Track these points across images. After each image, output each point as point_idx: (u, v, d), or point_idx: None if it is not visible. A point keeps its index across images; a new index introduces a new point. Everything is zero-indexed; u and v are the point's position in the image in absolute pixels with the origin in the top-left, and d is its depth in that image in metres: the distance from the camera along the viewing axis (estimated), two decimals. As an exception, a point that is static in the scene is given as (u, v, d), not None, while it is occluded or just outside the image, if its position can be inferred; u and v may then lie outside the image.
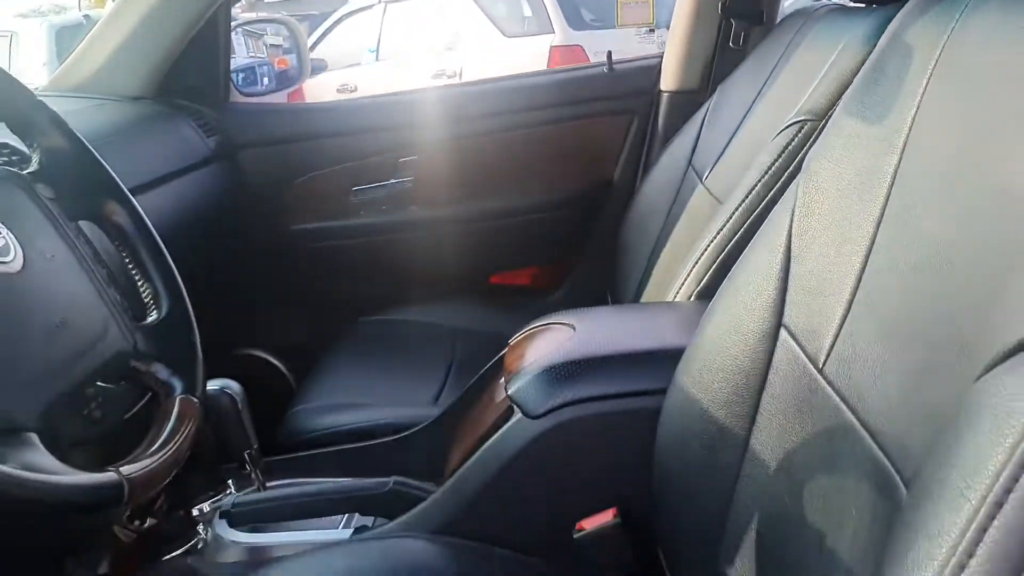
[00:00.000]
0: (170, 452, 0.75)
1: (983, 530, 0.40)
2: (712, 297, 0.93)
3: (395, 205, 1.93)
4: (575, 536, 0.98)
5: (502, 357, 1.17)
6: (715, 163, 1.49)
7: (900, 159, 0.71)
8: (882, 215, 0.71)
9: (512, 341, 1.18)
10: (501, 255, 1.99)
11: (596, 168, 1.92)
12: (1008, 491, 0.40)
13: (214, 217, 1.79)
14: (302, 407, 1.44)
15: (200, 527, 1.14)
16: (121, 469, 0.69)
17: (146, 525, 1.16)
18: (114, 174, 0.91)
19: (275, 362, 1.92)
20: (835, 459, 0.69)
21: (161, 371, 0.83)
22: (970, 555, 0.41)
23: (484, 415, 1.12)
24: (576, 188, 1.93)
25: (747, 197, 1.18)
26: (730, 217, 1.19)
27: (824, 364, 0.73)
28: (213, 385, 1.19)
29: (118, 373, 0.82)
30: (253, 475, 1.19)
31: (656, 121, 1.86)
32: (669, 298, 1.25)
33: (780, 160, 1.15)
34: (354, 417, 1.39)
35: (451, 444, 1.19)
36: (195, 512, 1.17)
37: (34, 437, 0.65)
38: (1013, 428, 0.41)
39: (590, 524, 0.98)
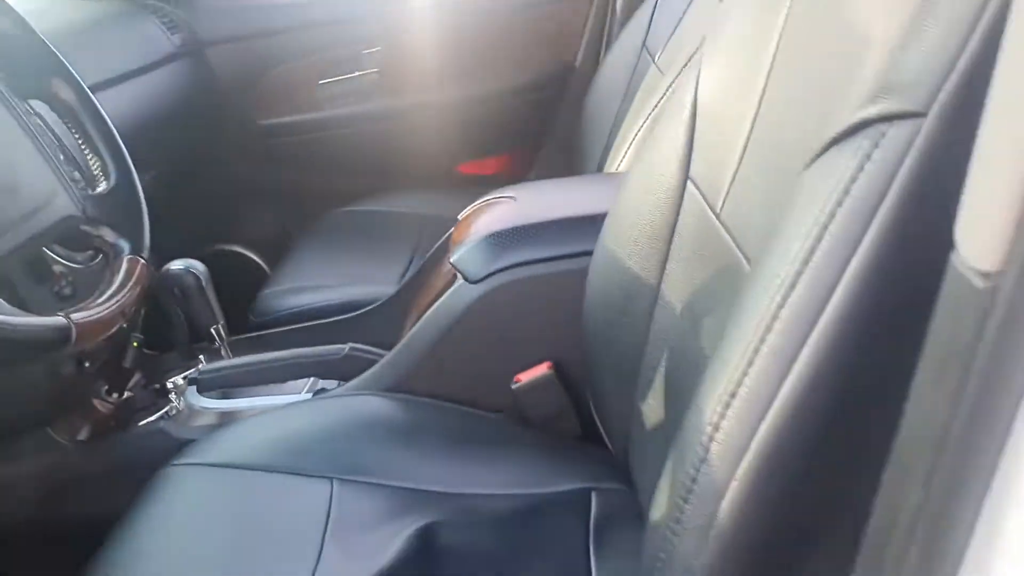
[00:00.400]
0: (116, 303, 0.81)
1: (784, 299, 0.46)
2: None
3: (362, 97, 1.96)
4: (513, 387, 1.06)
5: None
6: (667, 42, 1.51)
7: (789, 9, 0.75)
8: (772, 63, 0.76)
9: (460, 216, 1.24)
10: (469, 143, 2.03)
11: (558, 52, 1.94)
12: (801, 273, 0.46)
13: (183, 114, 1.83)
14: (270, 290, 1.51)
15: (173, 396, 1.22)
16: (71, 315, 0.75)
17: (123, 397, 1.24)
18: (59, 54, 0.95)
19: (251, 255, 1.98)
20: (726, 295, 0.76)
21: (108, 234, 0.89)
22: (770, 330, 0.47)
23: (433, 285, 1.19)
24: (539, 73, 1.95)
25: (683, 68, 1.21)
26: (667, 89, 1.23)
27: (721, 209, 0.79)
28: (178, 265, 1.25)
29: (68, 235, 0.88)
30: (221, 347, 1.27)
31: (615, 3, 1.87)
32: (612, 170, 1.30)
33: (714, 31, 1.18)
34: (319, 297, 1.46)
35: (405, 315, 1.26)
36: (169, 385, 1.25)
37: None
38: (813, 212, 0.47)
39: (526, 377, 1.06)
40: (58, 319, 0.74)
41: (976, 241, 0.33)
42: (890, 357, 0.43)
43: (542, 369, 1.06)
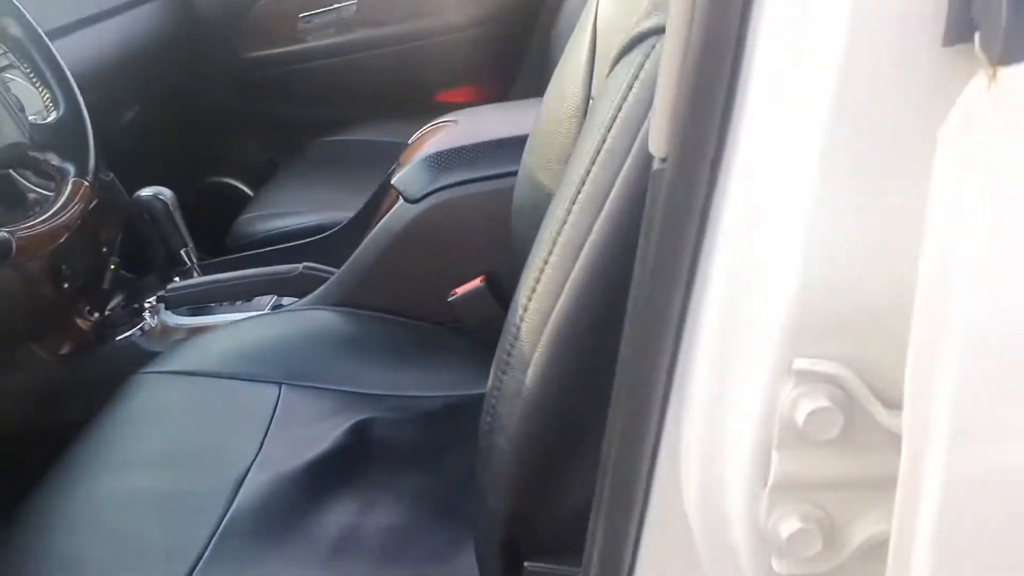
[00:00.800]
0: (59, 220, 0.90)
1: (575, 197, 0.53)
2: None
3: (342, 28, 2.01)
4: (449, 300, 1.13)
5: (403, 157, 1.30)
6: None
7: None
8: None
9: (410, 140, 1.31)
10: (446, 72, 2.07)
11: (530, -21, 1.97)
12: (589, 172, 0.53)
13: (166, 50, 1.89)
14: (245, 216, 1.59)
15: (147, 315, 1.31)
16: (15, 232, 0.84)
17: (103, 315, 1.34)
18: (8, -5, 1.02)
19: (241, 186, 2.06)
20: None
21: (54, 159, 0.97)
22: (564, 222, 0.54)
23: (382, 208, 1.26)
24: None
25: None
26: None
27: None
28: (147, 192, 1.34)
29: (17, 161, 0.96)
30: (192, 269, 1.36)
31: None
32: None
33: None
34: (290, 222, 1.53)
35: (361, 237, 1.33)
36: (146, 304, 1.34)
37: None
38: (599, 119, 0.53)
39: (462, 290, 1.13)
40: (0, 232, 0.83)
41: (655, 132, 0.40)
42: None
43: (476, 283, 1.13)
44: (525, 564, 0.60)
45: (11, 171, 1.11)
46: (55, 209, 0.92)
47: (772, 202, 0.35)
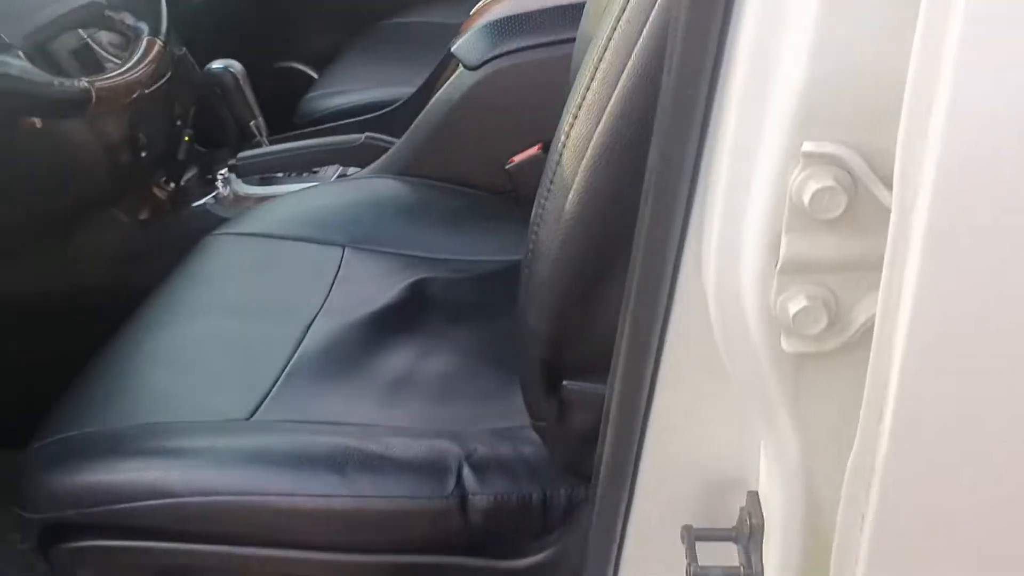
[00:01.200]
0: (134, 75, 0.95)
1: (612, 34, 0.55)
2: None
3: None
4: (507, 168, 1.16)
5: (464, 29, 1.31)
6: None
7: None
8: None
9: (472, 12, 1.31)
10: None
11: None
12: (619, 20, 0.54)
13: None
14: (310, 95, 1.63)
15: (220, 184, 1.37)
16: (94, 83, 0.89)
17: (179, 185, 1.41)
18: None
19: (307, 70, 2.09)
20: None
21: (128, 18, 1.02)
22: (602, 60, 0.56)
23: (442, 79, 1.28)
24: None
25: None
26: None
27: None
28: (218, 64, 1.38)
29: (94, 20, 1.01)
30: (261, 141, 1.41)
31: None
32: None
33: None
34: (352, 98, 1.57)
35: (422, 109, 1.36)
36: (218, 175, 1.40)
37: (20, 52, 0.85)
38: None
39: (519, 158, 1.16)
40: (81, 83, 0.88)
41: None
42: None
43: (534, 150, 1.15)
44: (564, 383, 0.65)
45: (89, 40, 1.16)
46: (130, 64, 0.97)
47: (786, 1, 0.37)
